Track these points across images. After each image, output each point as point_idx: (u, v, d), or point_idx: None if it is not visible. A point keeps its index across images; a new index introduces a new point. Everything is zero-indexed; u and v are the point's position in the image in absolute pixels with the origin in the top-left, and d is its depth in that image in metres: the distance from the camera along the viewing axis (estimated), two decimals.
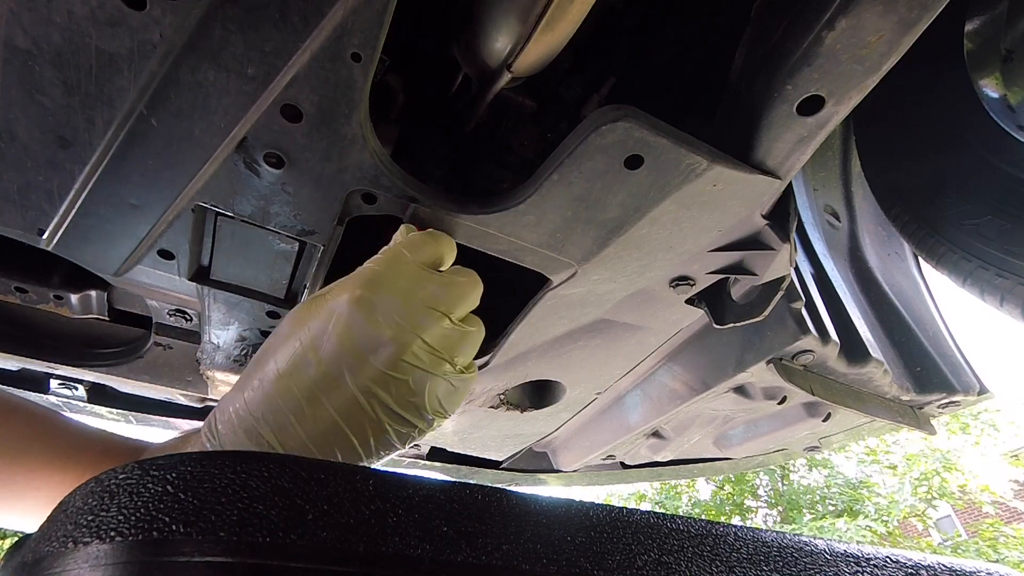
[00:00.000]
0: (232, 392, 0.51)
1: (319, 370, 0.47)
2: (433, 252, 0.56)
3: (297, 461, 0.27)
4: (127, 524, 0.23)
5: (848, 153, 1.27)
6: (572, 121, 0.81)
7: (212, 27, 0.48)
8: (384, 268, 0.51)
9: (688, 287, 0.85)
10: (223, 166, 0.59)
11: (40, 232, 0.66)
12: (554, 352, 1.05)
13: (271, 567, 0.22)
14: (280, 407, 0.46)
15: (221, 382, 1.04)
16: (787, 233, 0.74)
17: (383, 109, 0.74)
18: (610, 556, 0.28)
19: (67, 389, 1.23)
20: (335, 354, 0.47)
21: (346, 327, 0.48)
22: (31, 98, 0.52)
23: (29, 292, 0.89)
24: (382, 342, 0.47)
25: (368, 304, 0.48)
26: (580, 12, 0.56)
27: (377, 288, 0.49)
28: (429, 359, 0.49)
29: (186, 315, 0.95)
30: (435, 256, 0.56)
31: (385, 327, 0.47)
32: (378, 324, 0.47)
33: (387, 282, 0.50)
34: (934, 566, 0.32)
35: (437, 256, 0.56)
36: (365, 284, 0.49)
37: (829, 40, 0.51)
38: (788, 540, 0.32)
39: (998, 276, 1.00)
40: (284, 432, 0.46)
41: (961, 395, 1.11)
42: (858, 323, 1.04)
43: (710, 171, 0.60)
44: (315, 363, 0.47)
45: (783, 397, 1.09)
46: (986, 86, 0.98)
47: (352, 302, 0.48)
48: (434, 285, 0.52)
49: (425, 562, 0.24)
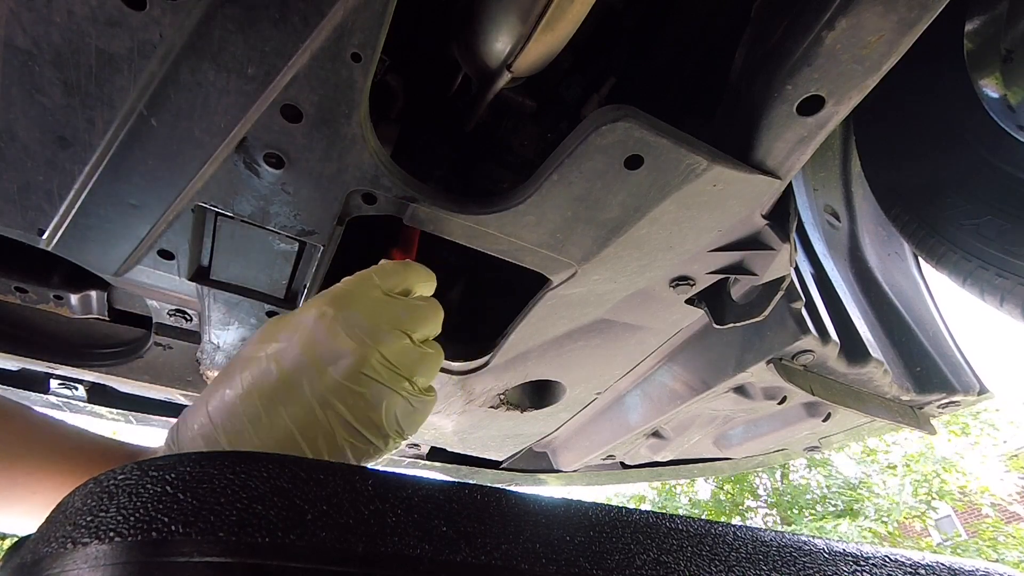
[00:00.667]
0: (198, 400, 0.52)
1: (280, 379, 0.48)
2: (403, 280, 0.58)
3: (296, 461, 0.27)
4: (126, 524, 0.23)
5: (848, 153, 1.27)
6: (572, 121, 0.81)
7: (212, 27, 0.48)
8: (352, 287, 0.54)
9: (688, 287, 0.85)
10: (223, 166, 0.59)
11: (40, 232, 0.66)
12: (554, 352, 1.05)
13: (270, 567, 0.22)
14: (239, 414, 0.48)
15: None
16: (787, 233, 0.74)
17: (383, 109, 0.74)
18: (609, 556, 0.28)
19: (67, 389, 1.23)
20: (296, 364, 0.49)
21: (309, 338, 0.50)
22: (31, 98, 0.52)
23: (29, 292, 0.89)
24: (342, 353, 0.49)
25: (332, 318, 0.50)
26: (580, 12, 0.56)
27: (343, 305, 0.52)
28: (388, 374, 0.51)
29: (186, 315, 0.95)
30: (403, 283, 0.58)
31: (346, 339, 0.49)
32: (339, 337, 0.49)
33: (353, 300, 0.52)
34: (933, 565, 0.32)
35: (406, 284, 0.58)
36: (332, 300, 0.52)
37: (829, 40, 0.51)
38: (787, 539, 0.32)
39: (998, 276, 1.00)
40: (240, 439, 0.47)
41: (961, 395, 1.11)
42: (858, 323, 1.04)
43: (710, 171, 0.60)
44: (277, 372, 0.49)
45: (783, 397, 1.09)
46: (986, 86, 0.98)
47: (318, 316, 0.51)
48: (397, 306, 0.54)
49: (424, 562, 0.24)
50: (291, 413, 0.47)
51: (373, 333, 0.50)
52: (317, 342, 0.49)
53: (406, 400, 0.52)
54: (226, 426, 0.47)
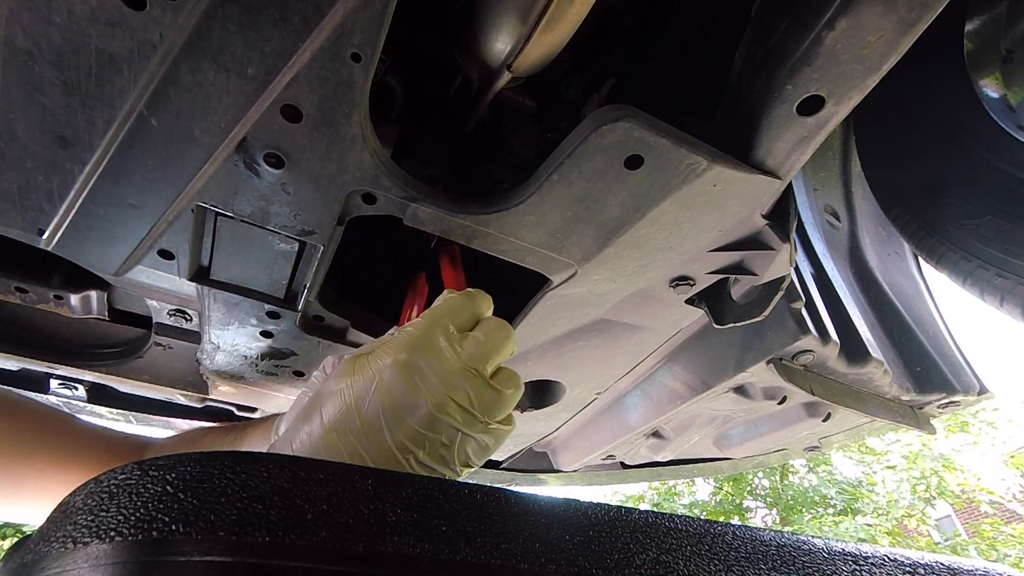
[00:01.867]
0: (280, 441, 0.55)
1: (362, 427, 0.52)
2: (470, 314, 0.60)
3: (296, 461, 0.27)
4: (127, 524, 0.23)
5: (848, 153, 1.26)
6: (572, 121, 0.81)
7: (212, 27, 0.48)
8: (424, 331, 0.56)
9: (688, 287, 0.85)
10: (223, 166, 0.59)
11: (40, 232, 0.66)
12: (554, 352, 1.05)
13: (270, 567, 0.22)
14: (321, 453, 0.51)
15: (221, 382, 1.05)
16: (787, 233, 0.74)
17: (383, 109, 0.74)
18: (608, 555, 0.28)
19: (67, 389, 1.23)
20: (376, 413, 0.52)
21: (387, 389, 0.53)
22: (31, 98, 0.52)
23: (29, 292, 0.89)
24: (419, 404, 0.52)
25: (407, 367, 0.53)
26: (580, 12, 0.56)
27: (416, 353, 0.54)
28: (463, 418, 0.53)
29: (186, 315, 0.95)
30: (471, 316, 0.60)
31: (423, 389, 0.52)
32: (416, 387, 0.52)
33: (426, 346, 0.55)
34: (932, 564, 0.32)
35: (473, 315, 0.61)
36: (406, 348, 0.54)
37: (829, 40, 0.51)
38: (786, 539, 0.32)
39: (998, 276, 1.00)
40: None
41: (961, 395, 1.11)
42: (858, 323, 1.04)
43: (710, 171, 0.60)
44: (359, 420, 0.52)
45: (783, 397, 1.09)
46: (986, 86, 0.98)
47: (394, 365, 0.53)
48: (468, 345, 0.56)
49: (424, 561, 0.24)
50: (373, 457, 0.51)
51: (447, 380, 0.53)
52: (394, 392, 0.52)
53: (477, 440, 0.55)
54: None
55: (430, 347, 0.54)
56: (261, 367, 0.99)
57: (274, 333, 0.90)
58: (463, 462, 0.55)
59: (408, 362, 0.53)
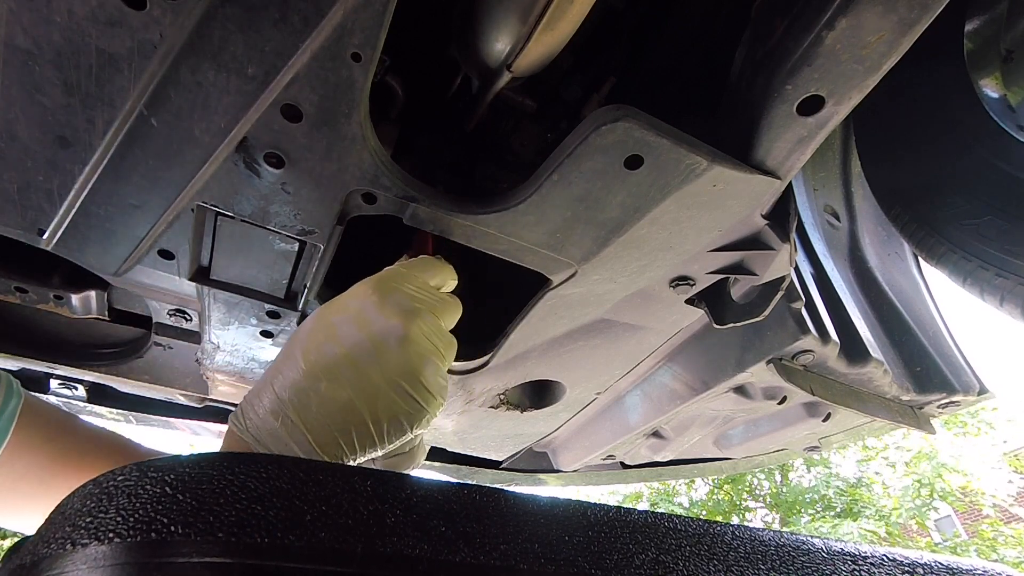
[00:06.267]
0: (259, 384, 0.57)
1: (342, 355, 0.54)
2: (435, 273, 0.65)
3: (295, 462, 0.27)
4: (125, 525, 0.23)
5: (848, 153, 1.26)
6: (572, 121, 0.81)
7: (212, 27, 0.48)
8: (393, 275, 0.61)
9: (688, 287, 0.85)
10: (223, 166, 0.59)
11: (40, 232, 0.66)
12: (554, 352, 1.05)
13: (269, 568, 0.22)
14: (304, 387, 0.53)
15: (221, 382, 1.05)
16: (787, 233, 0.74)
17: (383, 109, 0.74)
18: (608, 555, 0.28)
19: (67, 389, 1.23)
20: (355, 341, 0.55)
21: (363, 318, 0.56)
22: (31, 98, 0.52)
23: (29, 292, 0.89)
24: (394, 327, 0.56)
25: (381, 299, 0.57)
26: (580, 12, 0.56)
27: (387, 290, 0.58)
28: (429, 345, 0.57)
29: (186, 315, 0.95)
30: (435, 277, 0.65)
31: (396, 316, 0.56)
32: (390, 314, 0.56)
33: (395, 286, 0.59)
34: (931, 564, 0.32)
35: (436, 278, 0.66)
36: (377, 286, 0.59)
37: (829, 40, 0.51)
38: (785, 539, 0.32)
39: (998, 276, 1.00)
40: (305, 411, 0.52)
41: (961, 395, 1.11)
42: (858, 323, 1.04)
43: (710, 171, 0.60)
44: (337, 347, 0.54)
45: (783, 397, 1.09)
46: (986, 86, 0.97)
47: (367, 298, 0.58)
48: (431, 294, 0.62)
49: (423, 562, 0.24)
50: (354, 384, 0.53)
51: (415, 312, 0.57)
52: (371, 320, 0.56)
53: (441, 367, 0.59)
54: (294, 401, 0.53)
55: (398, 287, 0.59)
56: (261, 367, 0.99)
57: (274, 333, 0.90)
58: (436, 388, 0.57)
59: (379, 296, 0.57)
